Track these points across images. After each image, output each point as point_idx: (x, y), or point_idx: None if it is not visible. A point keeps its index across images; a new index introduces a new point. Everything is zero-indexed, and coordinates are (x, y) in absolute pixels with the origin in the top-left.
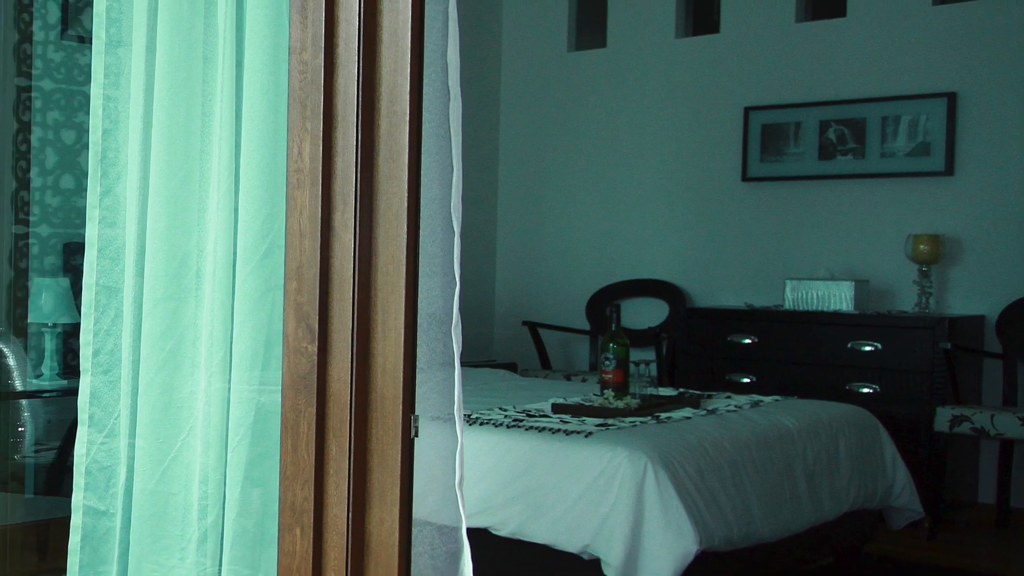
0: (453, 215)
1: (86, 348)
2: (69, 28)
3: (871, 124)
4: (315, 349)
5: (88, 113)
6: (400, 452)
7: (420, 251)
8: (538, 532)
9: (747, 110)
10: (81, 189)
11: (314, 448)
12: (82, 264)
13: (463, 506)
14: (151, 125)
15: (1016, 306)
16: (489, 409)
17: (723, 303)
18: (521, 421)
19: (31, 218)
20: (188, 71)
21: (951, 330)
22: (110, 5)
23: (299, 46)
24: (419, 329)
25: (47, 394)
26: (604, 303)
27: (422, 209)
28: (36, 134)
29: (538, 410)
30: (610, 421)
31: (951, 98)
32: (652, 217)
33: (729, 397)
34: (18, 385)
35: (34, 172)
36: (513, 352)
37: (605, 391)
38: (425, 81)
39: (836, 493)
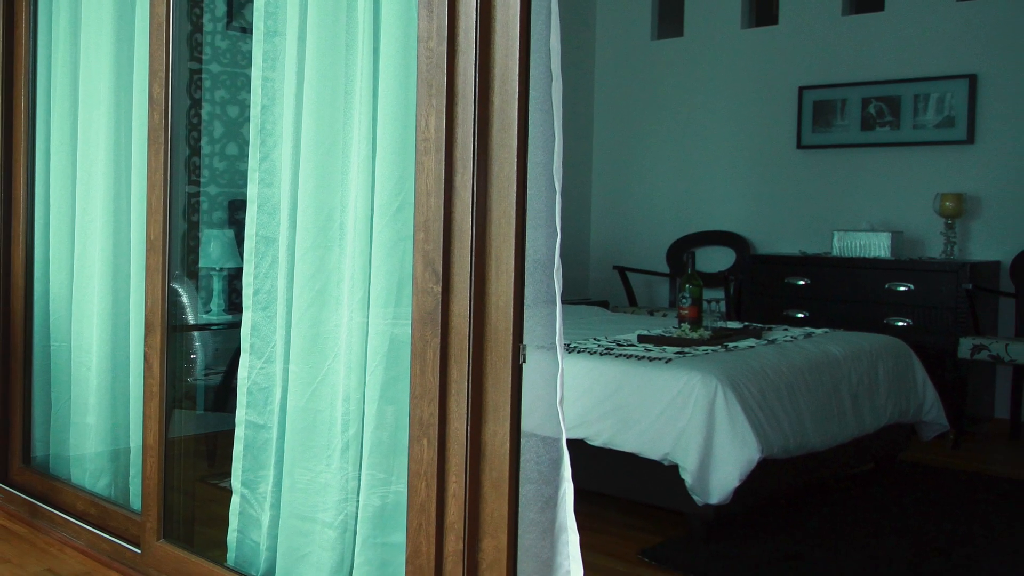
0: (555, 177)
1: (247, 288)
2: (233, 20)
3: (905, 101)
4: (439, 289)
5: (249, 92)
6: (511, 375)
7: (527, 207)
8: (626, 442)
9: (801, 89)
10: (243, 155)
11: (438, 372)
12: (244, 218)
13: (563, 421)
14: (302, 102)
15: None
16: (585, 339)
17: (781, 251)
18: (612, 349)
19: (201, 179)
20: (333, 57)
21: (972, 273)
22: (268, 1)
23: (426, 35)
24: (526, 272)
25: (215, 327)
26: (681, 251)
27: (529, 172)
28: (205, 109)
29: (626, 340)
30: (686, 349)
31: (972, 79)
32: (721, 179)
33: (786, 329)
34: (191, 319)
35: (204, 141)
36: (605, 291)
37: (682, 324)
38: (531, 65)
39: (875, 410)
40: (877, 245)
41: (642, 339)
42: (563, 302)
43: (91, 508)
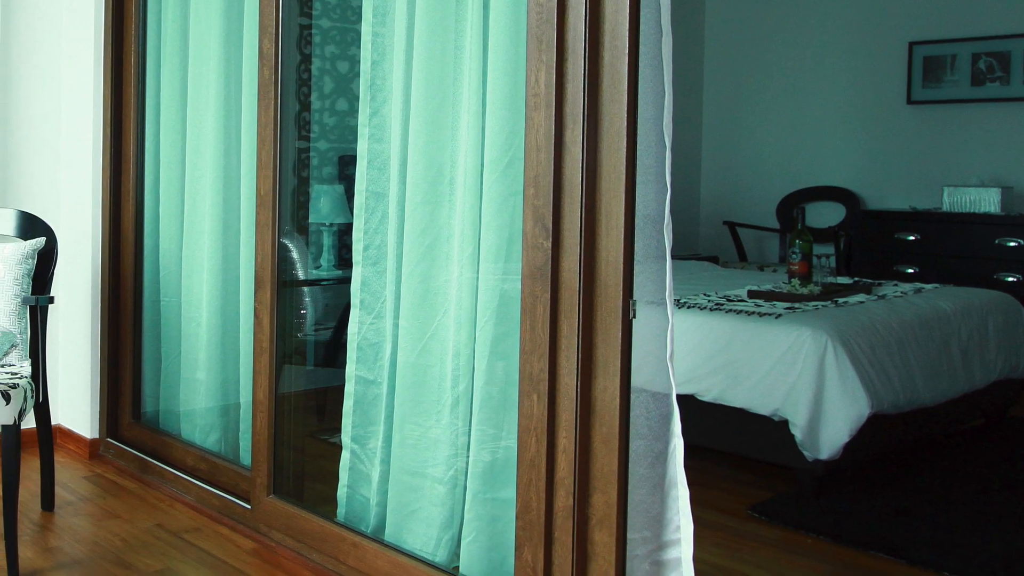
0: (665, 132)
1: (357, 244)
2: None
3: (1015, 56)
4: (549, 245)
5: (359, 47)
6: (620, 331)
7: (637, 162)
8: (736, 398)
9: (911, 44)
10: (353, 111)
11: (548, 327)
12: (354, 173)
13: (673, 376)
14: (412, 57)
15: None
16: (695, 295)
17: (891, 206)
18: (722, 305)
19: (311, 135)
20: (443, 11)
21: None
22: None
23: None
24: (636, 228)
25: (325, 282)
26: (792, 206)
27: (639, 127)
28: (315, 65)
29: (736, 296)
30: (796, 305)
31: None
32: (831, 134)
33: (896, 285)
34: (301, 275)
35: (314, 96)
36: (715, 247)
37: (792, 280)
38: (641, 19)
39: (985, 365)
40: (987, 200)
41: (752, 295)
42: (673, 257)
43: (201, 463)
